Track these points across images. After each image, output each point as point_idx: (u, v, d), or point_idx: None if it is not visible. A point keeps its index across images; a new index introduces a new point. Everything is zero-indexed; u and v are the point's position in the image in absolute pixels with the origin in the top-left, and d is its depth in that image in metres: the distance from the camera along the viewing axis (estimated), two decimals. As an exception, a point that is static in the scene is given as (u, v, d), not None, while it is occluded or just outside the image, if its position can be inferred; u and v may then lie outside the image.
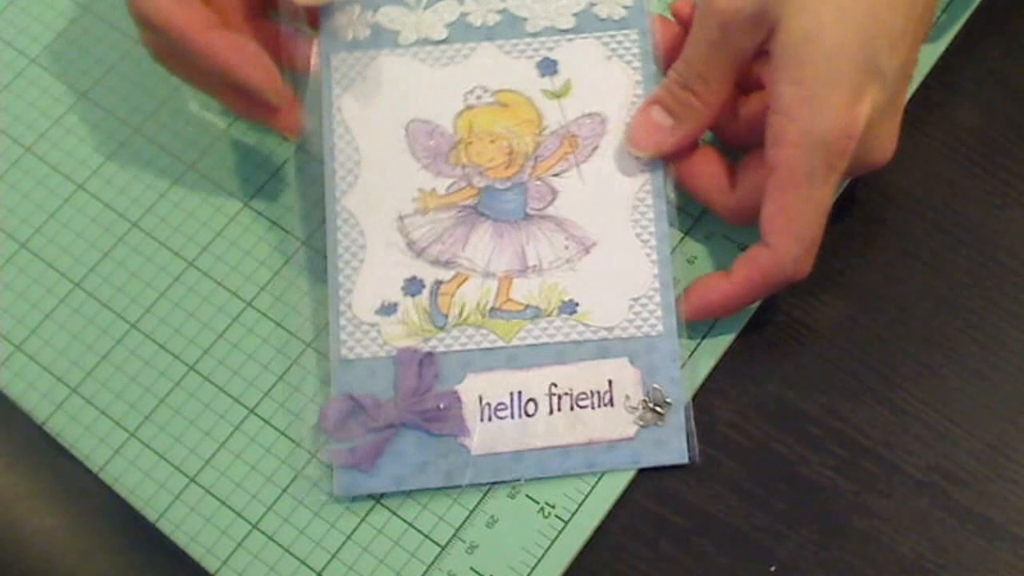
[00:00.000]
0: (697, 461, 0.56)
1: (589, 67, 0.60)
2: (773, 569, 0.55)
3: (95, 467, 0.57)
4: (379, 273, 0.58)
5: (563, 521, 0.55)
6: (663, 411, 0.56)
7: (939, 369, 0.58)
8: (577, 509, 0.55)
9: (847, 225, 0.60)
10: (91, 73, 0.65)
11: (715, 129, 0.59)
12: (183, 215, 0.62)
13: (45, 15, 0.66)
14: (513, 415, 0.56)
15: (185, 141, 0.63)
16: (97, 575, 0.56)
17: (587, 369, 0.57)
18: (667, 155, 0.58)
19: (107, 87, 0.65)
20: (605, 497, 0.56)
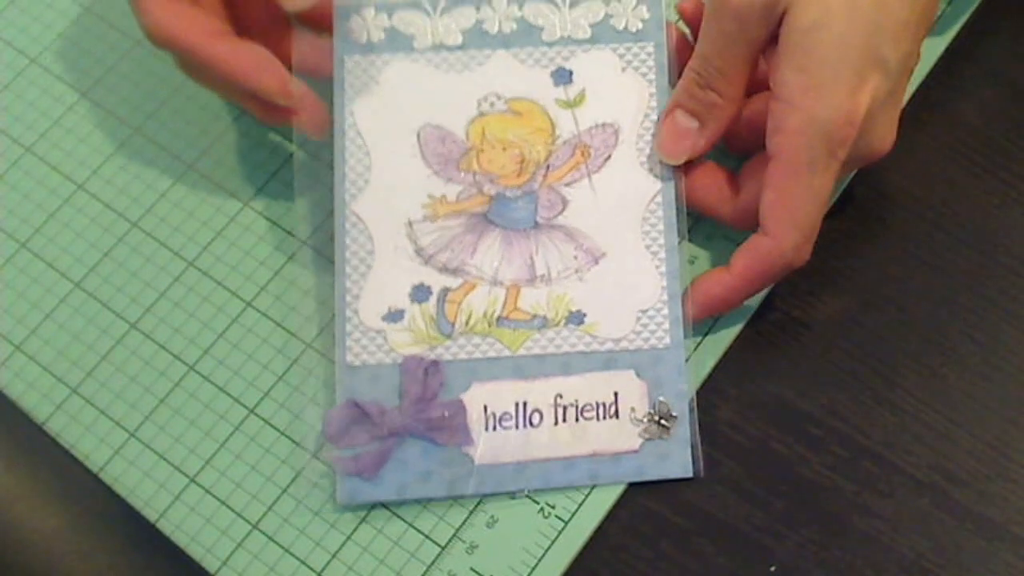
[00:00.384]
0: (702, 475, 0.56)
1: (604, 78, 0.59)
2: (773, 569, 0.55)
3: (95, 467, 0.57)
4: (387, 279, 0.57)
5: (563, 521, 0.55)
6: (668, 424, 0.56)
7: (939, 369, 0.58)
8: (577, 509, 0.55)
9: (846, 224, 0.60)
10: (91, 73, 0.65)
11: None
12: (183, 215, 0.62)
13: (45, 15, 0.66)
14: (518, 425, 0.56)
15: (185, 141, 0.63)
16: (97, 575, 0.56)
17: (593, 380, 0.56)
18: (698, 156, 0.58)
19: (107, 87, 0.65)
20: (605, 497, 0.56)
